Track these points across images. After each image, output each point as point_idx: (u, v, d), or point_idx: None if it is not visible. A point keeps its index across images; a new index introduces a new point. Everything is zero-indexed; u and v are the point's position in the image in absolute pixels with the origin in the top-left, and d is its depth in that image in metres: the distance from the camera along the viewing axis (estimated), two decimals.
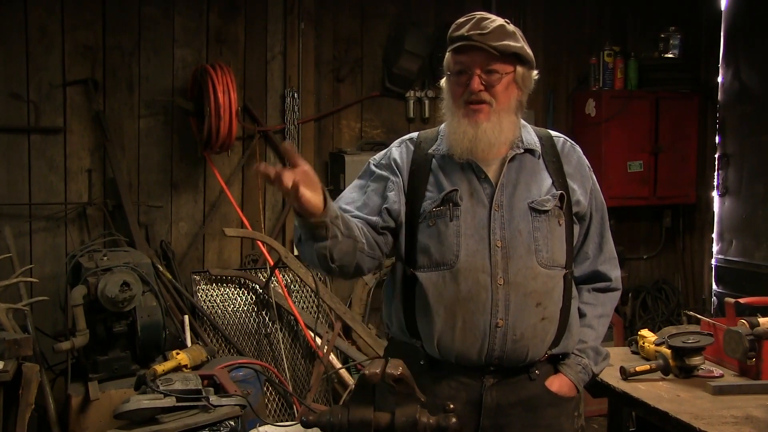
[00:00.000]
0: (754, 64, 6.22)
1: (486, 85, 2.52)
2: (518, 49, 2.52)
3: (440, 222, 2.55)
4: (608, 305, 2.77)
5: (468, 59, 2.52)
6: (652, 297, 6.70)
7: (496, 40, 2.48)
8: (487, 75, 2.51)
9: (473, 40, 2.48)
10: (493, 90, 2.52)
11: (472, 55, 2.51)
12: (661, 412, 2.83)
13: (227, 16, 5.76)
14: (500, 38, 2.49)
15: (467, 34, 2.50)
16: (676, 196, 6.53)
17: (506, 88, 2.55)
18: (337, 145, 6.05)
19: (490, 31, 2.49)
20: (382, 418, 2.23)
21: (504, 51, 2.49)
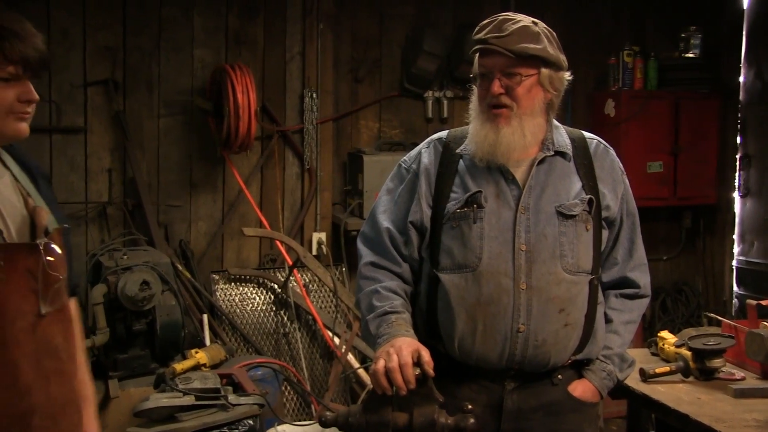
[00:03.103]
0: None
1: (506, 88, 2.51)
2: (539, 51, 2.50)
3: (463, 224, 2.56)
4: (636, 312, 2.75)
5: (489, 62, 2.53)
6: (672, 298, 6.68)
7: (515, 43, 2.47)
8: (507, 78, 2.50)
9: (491, 44, 2.48)
10: (514, 93, 2.51)
11: (492, 58, 2.51)
12: (681, 415, 2.82)
13: (246, 17, 5.79)
14: (520, 41, 2.48)
15: (485, 37, 2.50)
16: (696, 197, 6.51)
17: (528, 91, 2.53)
18: (356, 145, 6.06)
19: (509, 34, 2.48)
20: (400, 418, 2.26)
21: (522, 54, 2.47)
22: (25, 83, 2.09)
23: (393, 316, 2.50)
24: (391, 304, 2.54)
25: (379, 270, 2.64)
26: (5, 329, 2.07)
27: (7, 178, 2.20)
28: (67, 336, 2.23)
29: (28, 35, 2.08)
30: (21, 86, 2.09)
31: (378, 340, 2.45)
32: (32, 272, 2.11)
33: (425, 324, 2.62)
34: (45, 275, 2.14)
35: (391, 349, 2.32)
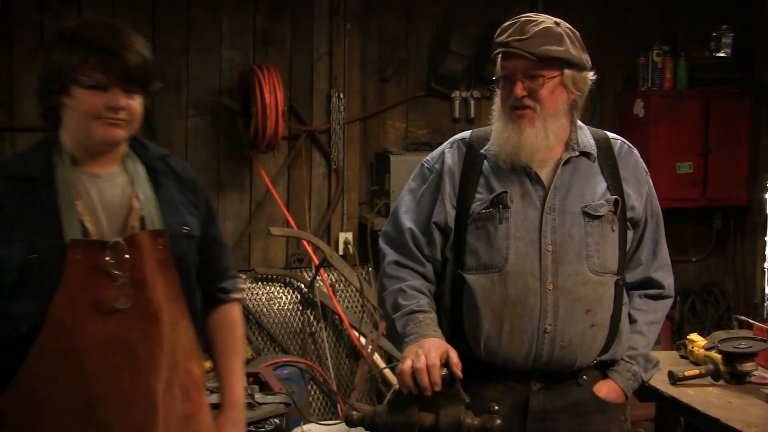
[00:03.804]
0: None
1: (529, 90, 2.52)
2: (561, 53, 2.51)
3: (489, 224, 2.57)
4: (660, 312, 2.75)
5: (511, 65, 2.54)
6: (701, 300, 6.63)
7: (536, 45, 2.48)
8: (530, 80, 2.51)
9: (512, 47, 2.49)
10: (537, 95, 2.52)
11: (514, 61, 2.52)
12: (711, 419, 2.82)
13: (273, 18, 5.82)
14: (542, 43, 2.49)
15: (507, 40, 2.51)
16: (726, 198, 6.46)
17: (552, 92, 2.54)
18: (383, 145, 6.07)
19: (531, 36, 2.49)
20: (426, 419, 2.27)
21: (544, 57, 2.48)
22: (114, 91, 2.21)
23: (420, 315, 2.52)
24: (417, 303, 2.56)
25: (403, 269, 2.65)
26: (76, 319, 2.20)
27: (120, 179, 2.33)
28: (147, 334, 2.28)
29: (118, 48, 2.21)
30: (109, 95, 2.21)
31: (405, 339, 2.47)
32: (107, 269, 2.22)
33: (449, 324, 2.63)
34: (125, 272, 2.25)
35: (419, 349, 2.34)
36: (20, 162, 2.35)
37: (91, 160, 2.32)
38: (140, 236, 2.29)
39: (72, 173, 2.29)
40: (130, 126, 2.29)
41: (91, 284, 2.22)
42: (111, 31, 2.25)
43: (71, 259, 2.20)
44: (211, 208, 2.57)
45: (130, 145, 2.40)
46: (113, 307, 2.23)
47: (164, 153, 2.50)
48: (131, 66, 2.22)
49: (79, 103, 2.22)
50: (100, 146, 2.30)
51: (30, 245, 2.21)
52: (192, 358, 2.44)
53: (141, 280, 2.27)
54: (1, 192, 2.26)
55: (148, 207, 2.34)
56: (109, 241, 2.25)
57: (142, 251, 2.28)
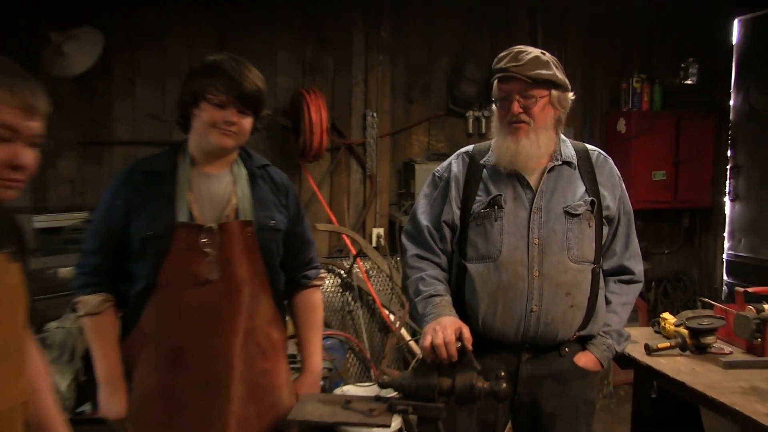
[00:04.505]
0: (762, 88, 6.14)
1: (524, 107, 2.53)
2: (550, 76, 2.53)
3: (486, 222, 2.58)
4: (631, 295, 2.74)
5: (508, 87, 2.54)
6: (672, 285, 6.62)
7: (530, 69, 2.50)
8: (524, 99, 2.53)
9: (510, 72, 2.51)
10: (531, 111, 2.53)
11: (511, 83, 2.53)
12: (679, 383, 2.81)
13: (319, 51, 5.84)
14: (534, 68, 2.51)
15: (505, 66, 2.53)
16: (693, 201, 6.45)
17: (542, 109, 2.55)
18: (409, 155, 6.08)
19: (524, 63, 2.51)
20: (444, 383, 2.27)
21: (537, 79, 2.50)
22: (231, 110, 2.39)
23: (437, 298, 2.53)
24: (435, 289, 2.57)
25: (422, 261, 2.67)
26: (177, 283, 2.41)
27: (226, 178, 2.49)
28: (230, 301, 2.44)
29: (238, 77, 2.40)
30: (227, 112, 2.39)
31: (425, 318, 2.48)
32: (201, 247, 2.40)
33: (454, 305, 2.61)
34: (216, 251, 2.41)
35: (437, 326, 2.34)
36: (153, 160, 2.56)
37: (207, 162, 2.49)
38: (232, 224, 2.44)
39: (189, 171, 2.46)
40: (239, 138, 2.46)
41: (190, 258, 2.40)
42: (236, 64, 2.43)
43: (177, 237, 2.40)
44: (300, 210, 2.69)
45: (239, 154, 2.56)
46: (205, 278, 2.40)
47: (265, 163, 2.65)
48: (246, 92, 2.41)
49: (204, 114, 2.40)
50: (214, 150, 2.46)
51: (150, 223, 2.41)
52: (271, 324, 2.56)
53: (228, 258, 2.43)
54: (137, 181, 2.47)
55: (243, 202, 2.48)
56: (207, 226, 2.41)
57: (232, 236, 2.44)
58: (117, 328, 2.52)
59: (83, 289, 2.50)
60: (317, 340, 2.77)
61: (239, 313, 2.44)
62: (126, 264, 2.47)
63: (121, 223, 2.44)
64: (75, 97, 5.36)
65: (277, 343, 2.58)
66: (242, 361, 2.44)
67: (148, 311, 2.44)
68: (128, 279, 2.47)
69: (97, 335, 2.50)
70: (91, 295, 2.49)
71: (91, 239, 2.53)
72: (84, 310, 2.50)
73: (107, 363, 2.49)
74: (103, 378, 2.49)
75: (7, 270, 1.76)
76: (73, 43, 4.91)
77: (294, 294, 2.74)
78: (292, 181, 5.20)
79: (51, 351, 3.77)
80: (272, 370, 2.55)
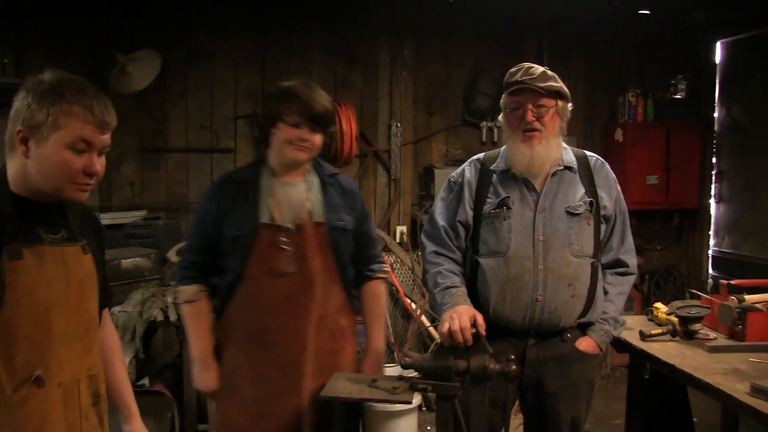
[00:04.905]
0: (743, 103, 6.11)
1: (537, 117, 2.52)
2: (558, 87, 2.54)
3: (496, 221, 2.58)
4: (626, 286, 2.72)
5: (521, 99, 2.53)
6: (663, 278, 6.56)
7: (542, 82, 2.50)
8: (537, 109, 2.52)
9: (525, 84, 2.50)
10: (543, 120, 2.53)
11: (524, 95, 2.52)
12: (669, 365, 2.79)
13: (349, 68, 5.86)
14: (544, 80, 2.51)
15: (520, 79, 2.51)
16: (682, 203, 6.39)
17: (552, 118, 2.55)
18: (429, 161, 6.06)
19: (536, 76, 2.50)
20: (460, 364, 2.27)
21: (548, 90, 2.50)
22: (304, 129, 2.48)
23: (454, 289, 2.53)
24: (451, 281, 2.57)
25: (440, 257, 2.66)
26: (260, 275, 2.53)
27: (301, 186, 2.59)
28: (304, 291, 2.54)
29: (309, 99, 2.48)
30: (301, 131, 2.48)
31: (443, 307, 2.48)
32: (280, 244, 2.52)
33: (469, 296, 2.61)
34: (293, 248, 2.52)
35: (454, 314, 2.34)
36: (241, 171, 2.73)
37: (284, 172, 2.59)
38: (306, 225, 2.55)
39: (270, 180, 2.57)
40: (311, 152, 2.55)
41: (271, 254, 2.52)
42: (307, 89, 2.52)
43: (260, 236, 2.52)
44: (365, 212, 2.76)
45: (312, 165, 2.64)
46: (284, 271, 2.52)
47: (335, 172, 2.73)
48: (316, 113, 2.49)
49: (281, 133, 2.50)
50: (290, 163, 2.56)
51: (238, 224, 2.53)
52: (341, 312, 2.65)
53: (303, 254, 2.54)
54: (228, 189, 2.60)
55: (316, 206, 2.58)
56: (285, 226, 2.53)
57: (307, 235, 2.55)
58: (209, 314, 2.66)
59: (182, 281, 2.66)
60: (380, 326, 2.84)
61: (312, 301, 2.55)
62: (219, 260, 2.61)
63: (215, 225, 2.58)
64: (136, 110, 5.42)
65: (345, 328, 2.68)
66: (314, 342, 2.55)
67: (236, 299, 2.57)
68: (221, 272, 2.62)
69: (192, 319, 2.65)
70: (189, 285, 2.64)
71: (190, 239, 2.71)
72: (183, 298, 2.66)
73: (201, 343, 2.63)
74: (197, 356, 2.64)
75: (79, 260, 1.81)
76: (136, 63, 4.97)
77: (361, 285, 2.81)
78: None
79: None
80: (340, 351, 2.65)
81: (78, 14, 5.19)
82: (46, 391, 1.71)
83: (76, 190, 1.74)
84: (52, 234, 1.76)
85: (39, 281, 1.69)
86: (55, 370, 1.72)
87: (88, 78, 1.78)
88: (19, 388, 1.67)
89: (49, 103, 1.66)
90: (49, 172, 1.69)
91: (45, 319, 1.70)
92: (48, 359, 1.71)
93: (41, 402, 1.70)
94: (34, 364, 1.68)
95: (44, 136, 1.67)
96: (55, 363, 1.72)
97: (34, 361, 1.68)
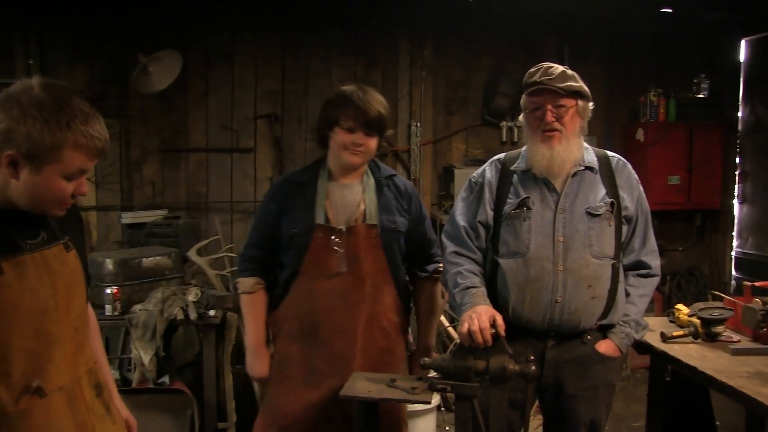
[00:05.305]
0: (767, 102, 6.00)
1: (556, 117, 2.49)
2: (578, 87, 2.50)
3: (516, 221, 2.55)
4: (648, 287, 2.68)
5: (541, 99, 2.50)
6: (685, 279, 6.50)
7: (561, 82, 2.47)
8: (556, 109, 2.49)
9: (544, 84, 2.47)
10: (562, 120, 2.50)
11: (544, 95, 2.49)
12: (691, 367, 2.76)
13: (369, 68, 5.86)
14: (564, 80, 2.48)
15: (539, 80, 2.48)
16: (705, 203, 6.33)
17: (572, 117, 2.52)
18: (448, 161, 6.05)
19: (555, 76, 2.48)
20: (479, 365, 2.26)
21: (568, 90, 2.48)
22: (359, 133, 2.55)
23: (473, 289, 2.52)
24: (471, 281, 2.55)
25: (460, 257, 2.64)
26: (314, 273, 2.64)
27: (357, 188, 2.67)
28: (356, 290, 2.63)
29: (364, 104, 2.55)
30: (356, 135, 2.56)
31: (462, 307, 2.47)
32: (333, 245, 2.62)
33: (488, 296, 2.58)
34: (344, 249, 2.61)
35: (473, 314, 2.33)
36: (300, 173, 2.80)
37: (341, 174, 2.67)
38: (358, 227, 2.63)
39: (327, 182, 2.66)
40: (366, 156, 2.62)
41: (324, 253, 2.63)
42: (363, 94, 2.59)
43: (315, 236, 2.63)
44: (421, 213, 2.82)
45: (369, 167, 2.70)
46: (336, 270, 2.62)
47: (392, 173, 2.79)
48: (371, 118, 2.56)
49: (337, 137, 2.59)
50: (346, 166, 2.64)
51: (295, 223, 2.64)
52: (393, 310, 2.74)
53: (355, 255, 2.62)
54: (288, 190, 2.71)
55: (370, 208, 2.65)
56: (338, 228, 2.61)
57: (359, 236, 2.63)
58: (265, 306, 2.79)
59: (242, 273, 2.80)
60: (432, 324, 2.93)
61: (363, 300, 2.64)
62: (277, 255, 2.74)
63: (275, 223, 2.70)
64: (157, 110, 5.47)
65: (398, 326, 2.76)
66: (365, 339, 2.65)
67: (291, 294, 2.70)
68: (279, 267, 2.76)
69: (249, 309, 2.79)
70: (248, 278, 2.78)
71: (252, 235, 2.83)
72: (242, 289, 2.79)
73: (255, 332, 2.77)
74: (250, 344, 2.78)
75: (63, 260, 1.76)
76: (157, 64, 5.00)
77: (415, 284, 2.89)
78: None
79: (136, 330, 3.83)
80: (393, 348, 2.73)
81: (100, 16, 5.24)
82: (49, 399, 1.68)
83: (60, 209, 1.71)
84: (31, 239, 1.69)
85: (22, 292, 1.64)
86: (54, 376, 1.70)
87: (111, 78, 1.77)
88: (20, 401, 1.64)
89: (52, 135, 1.58)
90: (38, 196, 1.64)
91: (36, 327, 1.66)
92: (45, 366, 1.68)
93: (44, 411, 1.67)
94: (32, 374, 1.65)
95: (41, 165, 1.60)
96: (53, 368, 1.70)
97: (31, 371, 1.65)
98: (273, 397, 2.72)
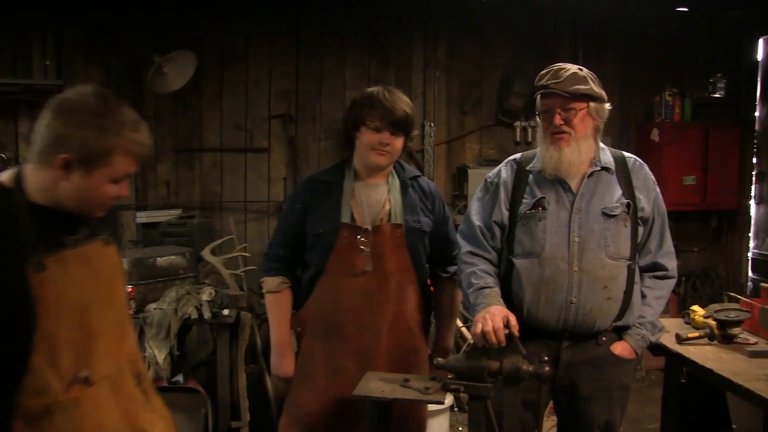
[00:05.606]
0: None
1: (565, 119, 2.49)
2: (587, 90, 2.49)
3: (531, 222, 2.55)
4: (665, 289, 2.66)
5: (549, 102, 2.51)
6: (701, 281, 6.46)
7: (569, 85, 2.46)
8: (565, 112, 2.49)
9: (551, 88, 2.47)
10: (571, 123, 2.50)
11: (552, 99, 2.50)
12: (707, 369, 2.75)
13: (382, 68, 5.86)
14: (572, 83, 2.47)
15: (546, 83, 2.49)
16: (721, 203, 6.29)
17: (582, 120, 2.51)
18: (462, 161, 6.04)
19: (564, 79, 2.47)
20: (493, 365, 2.25)
21: (575, 93, 2.46)
22: (385, 133, 2.58)
23: (487, 290, 2.51)
24: (485, 281, 2.55)
25: (475, 257, 2.63)
26: (339, 272, 2.66)
27: (382, 188, 2.70)
28: (380, 289, 2.65)
29: (390, 104, 2.57)
30: (382, 135, 2.58)
31: (476, 307, 2.47)
32: (358, 244, 2.63)
33: (503, 296, 2.58)
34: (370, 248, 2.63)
35: (487, 315, 2.32)
36: (325, 173, 2.81)
37: (367, 174, 2.70)
38: (384, 226, 2.66)
39: (353, 182, 2.68)
40: (392, 156, 2.65)
41: (349, 252, 2.63)
42: (389, 94, 2.60)
43: (341, 235, 2.64)
44: (445, 214, 2.84)
45: (394, 167, 2.73)
46: (361, 269, 2.63)
47: (416, 174, 2.82)
48: (397, 118, 2.58)
49: (364, 137, 2.61)
50: (371, 166, 2.66)
51: (321, 222, 2.66)
52: (417, 308, 2.76)
53: (380, 254, 2.64)
54: (313, 189, 2.73)
55: (395, 208, 2.67)
56: (363, 227, 2.63)
57: (384, 236, 2.65)
58: (290, 305, 2.81)
59: (268, 272, 2.82)
60: (451, 324, 2.94)
61: (387, 300, 2.66)
62: (302, 254, 2.76)
63: (300, 222, 2.72)
64: (171, 110, 5.49)
65: (422, 326, 2.79)
66: (390, 338, 2.67)
67: (316, 293, 2.72)
68: (304, 266, 2.78)
69: (274, 308, 2.82)
70: (273, 277, 2.80)
71: (277, 234, 2.86)
72: (267, 288, 2.82)
73: (280, 331, 2.80)
74: (276, 342, 2.82)
75: (103, 254, 1.85)
76: (171, 64, 5.02)
77: (436, 284, 2.91)
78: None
79: (150, 329, 3.85)
80: (418, 348, 2.76)
81: (116, 17, 5.27)
82: (96, 388, 1.77)
83: (103, 210, 1.82)
84: (73, 235, 1.78)
85: (68, 287, 1.72)
86: (99, 366, 1.78)
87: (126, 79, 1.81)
88: (70, 390, 1.72)
89: (106, 141, 1.69)
90: (85, 199, 1.74)
91: (81, 320, 1.74)
92: (92, 357, 1.77)
93: (93, 399, 1.76)
94: (80, 365, 1.74)
95: (92, 169, 1.70)
96: (98, 359, 1.78)
97: (79, 361, 1.74)
98: (297, 396, 2.73)
